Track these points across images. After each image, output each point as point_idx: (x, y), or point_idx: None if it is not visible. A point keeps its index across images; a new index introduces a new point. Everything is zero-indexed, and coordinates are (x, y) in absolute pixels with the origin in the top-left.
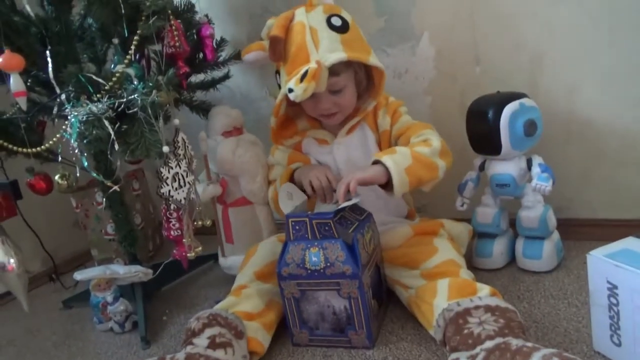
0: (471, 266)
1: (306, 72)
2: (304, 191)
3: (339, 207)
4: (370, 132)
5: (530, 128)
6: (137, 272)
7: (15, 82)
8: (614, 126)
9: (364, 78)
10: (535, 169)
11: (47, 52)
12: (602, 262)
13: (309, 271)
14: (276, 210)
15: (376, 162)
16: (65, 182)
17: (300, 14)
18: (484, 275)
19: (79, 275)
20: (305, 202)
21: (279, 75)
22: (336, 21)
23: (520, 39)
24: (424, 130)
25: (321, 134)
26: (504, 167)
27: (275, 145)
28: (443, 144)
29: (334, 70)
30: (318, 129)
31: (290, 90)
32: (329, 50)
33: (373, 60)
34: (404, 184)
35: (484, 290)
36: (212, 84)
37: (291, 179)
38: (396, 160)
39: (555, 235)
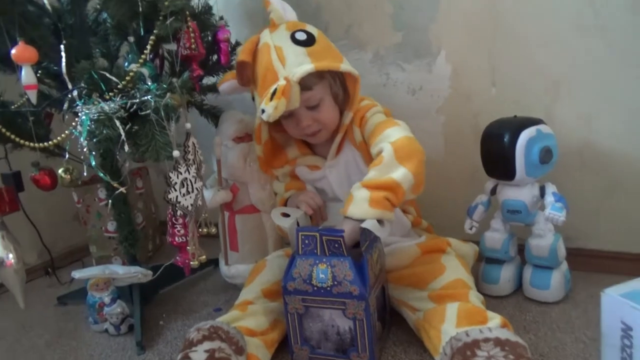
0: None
1: (275, 90)
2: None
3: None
4: (355, 149)
5: (546, 156)
6: (136, 273)
7: (27, 75)
8: (630, 158)
9: (340, 89)
10: (549, 198)
11: (62, 46)
12: (617, 302)
13: (315, 288)
14: (280, 231)
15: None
16: (69, 176)
17: (264, 35)
18: (490, 302)
19: (77, 274)
20: (304, 216)
21: (255, 100)
22: (301, 36)
23: (539, 63)
24: (381, 134)
25: (312, 160)
26: (517, 193)
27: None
28: (398, 145)
29: (306, 84)
30: (308, 155)
31: (263, 111)
32: (296, 65)
33: (345, 66)
34: (377, 217)
35: (494, 320)
36: None
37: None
38: (354, 212)
39: (564, 265)
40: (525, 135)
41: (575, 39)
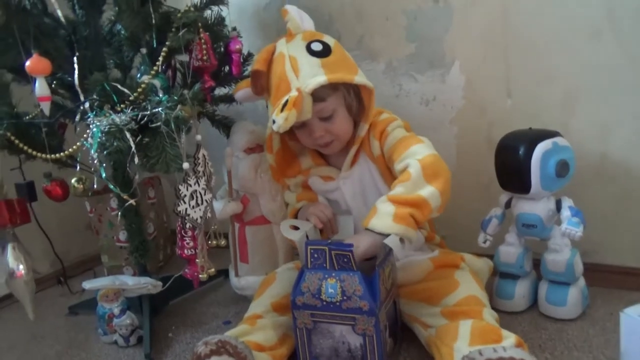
0: (491, 307)
1: (287, 101)
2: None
3: None
4: (370, 162)
5: (563, 169)
6: (146, 284)
7: (41, 87)
8: None
9: (354, 101)
10: (565, 212)
11: (75, 58)
12: (637, 323)
13: (325, 303)
14: (291, 241)
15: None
16: (82, 186)
17: (280, 45)
18: (504, 318)
19: (87, 284)
20: (313, 229)
21: (269, 109)
22: (316, 46)
23: (554, 73)
24: (406, 151)
25: (325, 171)
26: (532, 207)
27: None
28: (426, 163)
29: (320, 95)
30: (322, 165)
31: (274, 122)
32: (310, 76)
33: (359, 79)
34: (400, 233)
35: (509, 339)
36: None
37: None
38: (376, 225)
39: (581, 281)
40: (541, 148)
41: (591, 50)
